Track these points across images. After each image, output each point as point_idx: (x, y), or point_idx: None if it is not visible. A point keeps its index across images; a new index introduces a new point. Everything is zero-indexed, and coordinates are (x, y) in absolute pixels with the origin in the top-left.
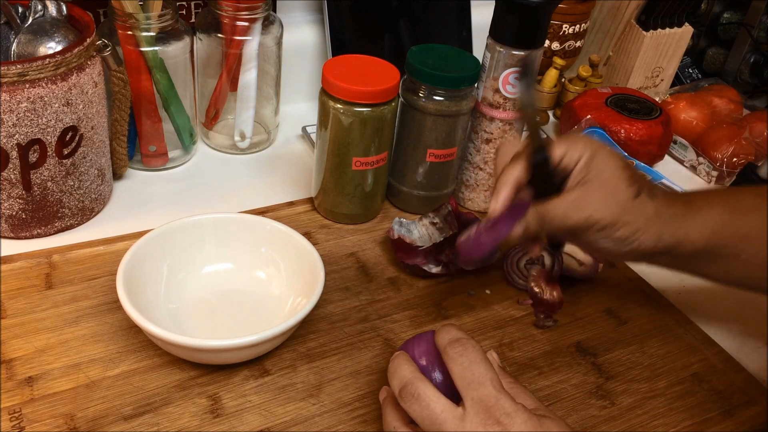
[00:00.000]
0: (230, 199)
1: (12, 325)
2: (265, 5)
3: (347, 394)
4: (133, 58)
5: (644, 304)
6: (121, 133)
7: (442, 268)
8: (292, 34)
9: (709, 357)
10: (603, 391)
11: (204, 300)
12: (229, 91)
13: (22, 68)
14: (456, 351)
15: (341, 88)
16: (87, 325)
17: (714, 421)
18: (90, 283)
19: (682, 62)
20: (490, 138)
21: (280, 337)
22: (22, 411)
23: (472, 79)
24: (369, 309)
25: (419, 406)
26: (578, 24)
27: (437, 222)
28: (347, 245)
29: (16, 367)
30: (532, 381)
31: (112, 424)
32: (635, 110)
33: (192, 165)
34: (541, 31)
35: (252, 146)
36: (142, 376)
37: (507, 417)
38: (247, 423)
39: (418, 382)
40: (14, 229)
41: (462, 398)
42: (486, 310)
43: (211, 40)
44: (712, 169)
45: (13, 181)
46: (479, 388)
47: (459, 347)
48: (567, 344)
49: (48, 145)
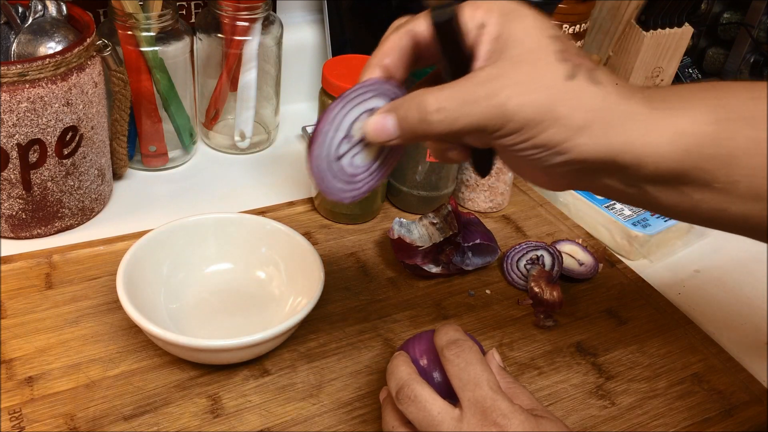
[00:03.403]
0: (230, 199)
1: (12, 325)
2: (265, 5)
3: (347, 394)
4: (133, 58)
5: (644, 304)
6: (121, 133)
7: (442, 268)
8: (292, 34)
9: (709, 357)
10: (603, 391)
11: (204, 300)
12: (229, 91)
13: (22, 68)
14: (453, 353)
15: (341, 88)
16: (87, 325)
17: (714, 421)
18: (90, 283)
19: (682, 62)
20: None
21: (280, 337)
22: (22, 411)
23: None
24: (369, 309)
25: (416, 408)
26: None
27: (437, 222)
28: (347, 245)
29: (16, 367)
30: (532, 381)
31: (112, 424)
32: None
33: (192, 165)
34: None
35: (252, 146)
36: (142, 376)
37: (504, 418)
38: (247, 423)
39: (414, 384)
40: (14, 229)
41: (459, 400)
42: (486, 310)
43: (211, 40)
44: None
45: (13, 181)
46: (476, 390)
47: (456, 349)
48: (567, 344)
49: (48, 145)
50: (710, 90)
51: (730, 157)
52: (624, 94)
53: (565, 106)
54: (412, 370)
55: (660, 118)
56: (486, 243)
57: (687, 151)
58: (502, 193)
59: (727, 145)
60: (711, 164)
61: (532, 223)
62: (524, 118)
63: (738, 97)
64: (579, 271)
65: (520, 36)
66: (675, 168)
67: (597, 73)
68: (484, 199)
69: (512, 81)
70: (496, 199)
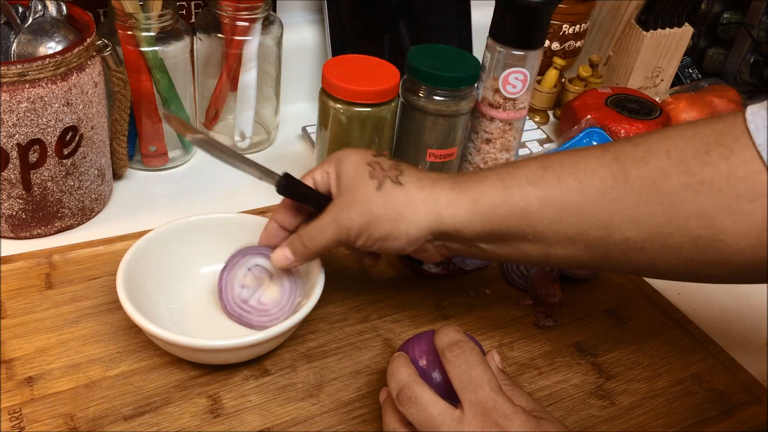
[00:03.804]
0: (230, 199)
1: (12, 325)
2: (265, 5)
3: (347, 394)
4: (133, 58)
5: (644, 304)
6: (121, 133)
7: (442, 268)
8: (292, 34)
9: (709, 357)
10: (603, 391)
11: (204, 300)
12: (229, 91)
13: (22, 68)
14: (454, 354)
15: (341, 88)
16: (87, 325)
17: (714, 421)
18: (90, 283)
19: (682, 62)
20: (490, 138)
21: (280, 337)
22: (22, 411)
23: (472, 79)
24: (369, 309)
25: (416, 409)
26: (578, 24)
27: None
28: None
29: (16, 367)
30: (532, 381)
31: (112, 424)
32: (635, 110)
33: (192, 165)
34: (541, 31)
35: (252, 146)
36: (142, 376)
37: (505, 419)
38: (247, 423)
39: (415, 385)
40: (14, 229)
41: (460, 401)
42: (486, 310)
43: (211, 40)
44: None
45: (13, 181)
46: (477, 391)
47: (457, 350)
48: (567, 344)
49: (48, 145)
50: (503, 167)
51: (525, 212)
52: (426, 185)
53: (379, 208)
54: (413, 371)
55: (459, 195)
56: None
57: (485, 214)
58: None
59: (518, 205)
60: (512, 221)
61: None
62: (357, 227)
63: (527, 167)
64: (579, 272)
65: (348, 170)
66: (484, 228)
67: (402, 177)
68: None
69: (344, 204)
70: None
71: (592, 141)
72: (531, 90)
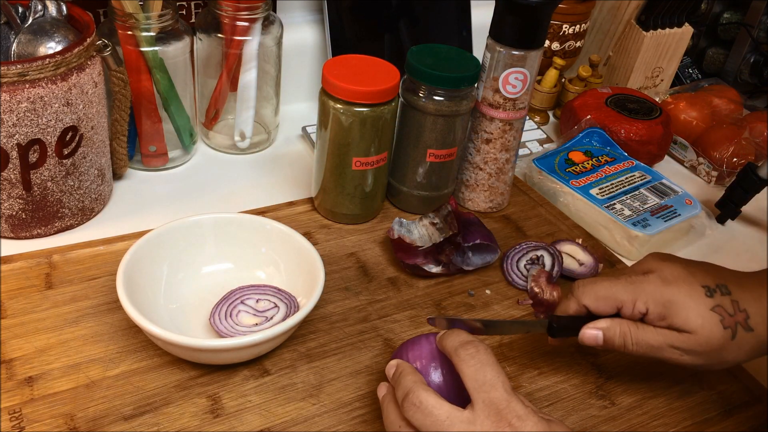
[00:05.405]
0: (230, 199)
1: (12, 325)
2: (265, 5)
3: (347, 394)
4: (133, 58)
5: None
6: (121, 133)
7: (442, 268)
8: (292, 34)
9: None
10: (603, 391)
11: (204, 300)
12: (229, 91)
13: (22, 68)
14: (468, 353)
15: (341, 88)
16: (87, 325)
17: (714, 421)
18: (90, 283)
19: (682, 62)
20: (490, 138)
21: (280, 337)
22: (22, 411)
23: (472, 79)
24: (369, 309)
25: (422, 415)
26: (578, 24)
27: (437, 222)
28: (347, 245)
29: (16, 367)
30: (532, 381)
31: (112, 424)
32: (635, 110)
33: (192, 165)
34: (541, 31)
35: (252, 146)
36: (142, 376)
37: (519, 420)
38: (247, 423)
39: (420, 391)
40: (14, 229)
41: (472, 400)
42: (486, 310)
43: (211, 40)
44: (711, 169)
45: (13, 181)
46: (491, 391)
47: (471, 349)
48: (567, 344)
49: (48, 145)
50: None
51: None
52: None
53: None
54: (417, 378)
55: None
56: (486, 243)
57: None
58: (502, 193)
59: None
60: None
61: (532, 223)
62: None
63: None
64: (579, 272)
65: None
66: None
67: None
68: (484, 199)
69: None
70: (496, 199)
71: (592, 141)
72: (531, 90)
